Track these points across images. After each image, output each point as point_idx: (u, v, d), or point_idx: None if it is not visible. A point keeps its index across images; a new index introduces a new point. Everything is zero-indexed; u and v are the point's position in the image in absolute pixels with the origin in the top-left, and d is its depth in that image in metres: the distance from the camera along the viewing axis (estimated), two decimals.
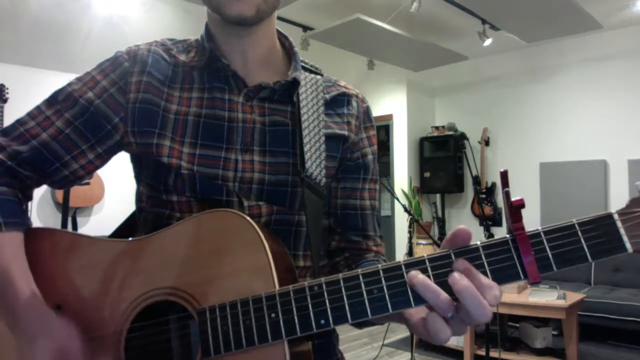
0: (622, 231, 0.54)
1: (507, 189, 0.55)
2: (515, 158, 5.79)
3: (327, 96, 0.87)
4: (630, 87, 5.03)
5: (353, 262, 0.86)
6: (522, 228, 0.55)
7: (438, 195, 6.31)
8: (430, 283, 0.56)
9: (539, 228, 0.56)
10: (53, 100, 0.80)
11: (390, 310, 0.58)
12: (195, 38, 0.87)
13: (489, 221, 3.67)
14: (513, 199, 0.55)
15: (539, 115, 5.65)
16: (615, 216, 0.54)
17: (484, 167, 5.94)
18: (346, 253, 0.88)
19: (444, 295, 0.56)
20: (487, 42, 4.75)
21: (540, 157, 5.60)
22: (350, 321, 0.60)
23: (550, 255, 0.55)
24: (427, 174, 6.10)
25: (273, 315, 0.62)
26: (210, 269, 0.67)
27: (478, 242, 0.58)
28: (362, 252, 0.88)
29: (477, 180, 5.74)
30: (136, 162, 0.84)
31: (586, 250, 0.54)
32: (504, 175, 0.55)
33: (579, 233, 0.55)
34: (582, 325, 3.91)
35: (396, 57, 5.44)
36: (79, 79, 0.81)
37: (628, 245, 0.53)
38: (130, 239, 0.75)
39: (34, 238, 0.76)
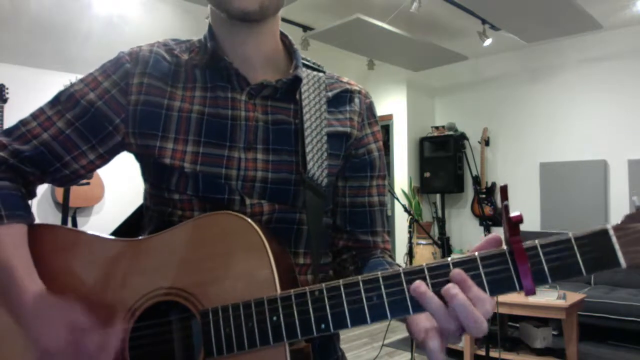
0: (617, 246, 0.54)
1: (506, 202, 0.55)
2: (515, 158, 5.80)
3: (330, 94, 0.87)
4: (631, 87, 5.03)
5: (360, 259, 0.87)
6: (520, 241, 0.56)
7: (438, 195, 6.31)
8: (433, 295, 0.58)
9: (536, 241, 0.57)
10: (56, 101, 0.81)
11: (389, 317, 0.60)
12: (197, 38, 0.87)
13: (489, 221, 3.67)
14: (513, 214, 0.55)
15: (539, 115, 5.64)
16: (611, 232, 0.55)
17: (484, 167, 5.95)
18: (353, 251, 0.89)
19: (443, 307, 0.57)
20: (487, 42, 4.75)
21: (540, 157, 5.59)
22: (349, 327, 0.61)
23: (545, 268, 0.56)
24: (427, 174, 6.10)
25: (275, 318, 0.63)
26: (214, 271, 0.68)
27: (476, 254, 0.59)
28: (370, 250, 0.88)
29: (477, 180, 5.74)
30: (140, 161, 0.85)
31: (581, 264, 0.55)
32: (504, 190, 0.56)
33: (575, 247, 0.55)
34: (582, 325, 3.92)
35: (396, 57, 5.44)
36: (81, 80, 0.82)
37: (622, 261, 0.54)
38: (139, 237, 0.75)
39: (37, 234, 0.76)
